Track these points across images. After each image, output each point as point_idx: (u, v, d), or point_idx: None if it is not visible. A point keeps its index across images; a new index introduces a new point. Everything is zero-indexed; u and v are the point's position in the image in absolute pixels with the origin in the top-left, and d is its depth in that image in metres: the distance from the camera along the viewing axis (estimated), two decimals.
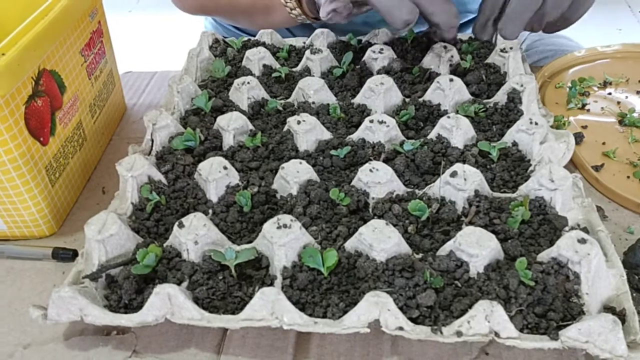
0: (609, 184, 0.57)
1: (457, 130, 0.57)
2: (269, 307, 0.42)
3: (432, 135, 0.59)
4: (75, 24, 0.60)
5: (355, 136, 0.60)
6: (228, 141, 0.60)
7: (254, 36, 0.81)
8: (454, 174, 0.52)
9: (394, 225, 0.47)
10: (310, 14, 0.73)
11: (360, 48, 0.77)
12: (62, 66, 0.57)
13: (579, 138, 0.63)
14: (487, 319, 0.40)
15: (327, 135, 0.61)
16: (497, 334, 0.40)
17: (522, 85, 0.63)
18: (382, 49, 0.72)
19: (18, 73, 0.49)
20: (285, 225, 0.47)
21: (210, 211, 0.53)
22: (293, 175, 0.53)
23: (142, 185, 0.55)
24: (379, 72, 0.71)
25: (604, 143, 0.63)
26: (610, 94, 0.71)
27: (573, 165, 0.61)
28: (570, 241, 0.44)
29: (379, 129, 0.58)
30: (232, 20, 0.99)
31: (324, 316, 0.43)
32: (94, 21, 0.65)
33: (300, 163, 0.54)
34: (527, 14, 0.59)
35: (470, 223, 0.49)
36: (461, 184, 0.51)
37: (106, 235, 0.47)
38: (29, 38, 0.50)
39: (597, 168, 0.60)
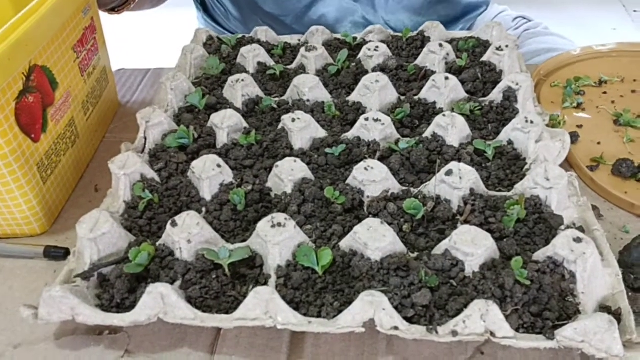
0: (603, 184, 0.57)
1: (452, 129, 0.57)
2: (263, 306, 0.41)
3: (428, 133, 0.59)
4: (68, 19, 0.60)
5: (350, 134, 0.60)
6: (222, 139, 0.60)
7: (249, 33, 0.80)
8: (449, 173, 0.51)
9: (389, 224, 0.47)
10: None
11: (356, 45, 0.77)
12: (53, 62, 0.57)
13: (573, 137, 0.63)
14: (483, 318, 0.39)
15: (322, 133, 0.60)
16: (492, 334, 0.40)
17: (517, 84, 0.62)
18: (377, 47, 0.72)
19: (8, 68, 0.49)
20: (279, 224, 0.46)
21: (204, 209, 0.53)
22: (287, 174, 0.53)
23: (134, 184, 0.54)
24: (374, 70, 0.70)
25: (599, 143, 0.63)
26: (605, 93, 0.71)
27: (568, 164, 0.61)
28: (565, 240, 0.44)
29: (374, 127, 0.58)
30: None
31: (319, 316, 0.43)
32: (86, 17, 0.64)
33: (295, 161, 0.54)
34: None
35: (466, 222, 0.49)
36: (456, 182, 0.51)
37: (98, 234, 0.47)
38: (20, 33, 0.50)
39: (592, 168, 0.59)
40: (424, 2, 0.94)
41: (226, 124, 0.60)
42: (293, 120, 0.59)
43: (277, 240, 0.45)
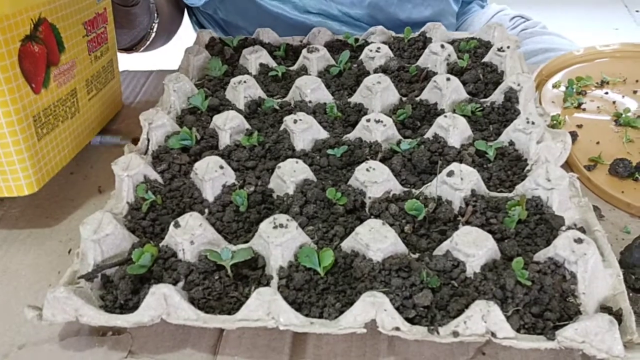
0: (600, 183, 0.57)
1: (453, 130, 0.57)
2: (265, 307, 0.42)
3: (429, 134, 0.59)
4: None
5: (352, 135, 0.60)
6: (224, 140, 0.60)
7: (251, 35, 0.81)
8: (450, 174, 0.51)
9: (391, 225, 0.47)
10: None
11: (357, 47, 0.77)
12: (62, 26, 0.58)
13: (572, 137, 0.63)
14: (484, 319, 0.40)
15: (323, 134, 0.61)
16: (493, 334, 0.40)
17: (519, 85, 0.62)
18: (379, 48, 0.72)
19: (18, 2, 0.49)
20: (281, 225, 0.46)
21: (206, 211, 0.53)
22: (289, 175, 0.53)
23: (137, 185, 0.55)
24: (375, 71, 0.70)
25: (598, 142, 0.63)
26: (607, 93, 0.71)
27: (565, 163, 0.61)
28: (566, 241, 0.44)
29: (376, 128, 0.58)
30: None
31: (321, 316, 0.43)
32: (100, 5, 0.66)
33: (297, 162, 0.54)
34: None
35: (467, 223, 0.49)
36: (458, 183, 0.51)
37: (102, 235, 0.47)
38: None
39: (589, 167, 0.60)
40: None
41: (228, 126, 0.60)
42: (295, 121, 0.59)
43: (279, 241, 0.45)
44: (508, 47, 0.69)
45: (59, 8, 0.57)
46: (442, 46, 0.70)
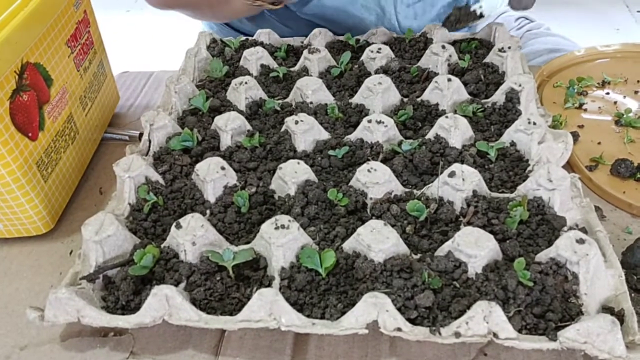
0: (602, 184, 0.57)
1: (455, 130, 0.57)
2: (267, 308, 0.42)
3: (430, 135, 0.59)
4: (59, 14, 0.59)
5: (353, 136, 0.60)
6: (226, 141, 0.60)
7: (252, 36, 0.81)
8: (452, 174, 0.51)
9: (392, 226, 0.47)
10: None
11: (358, 47, 0.77)
12: (47, 59, 0.56)
13: (574, 137, 0.63)
14: (486, 319, 0.39)
15: (325, 135, 0.61)
16: (495, 335, 0.40)
17: (520, 85, 0.62)
18: (380, 49, 0.72)
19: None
20: (283, 226, 0.46)
21: (208, 212, 0.53)
22: (291, 176, 0.53)
23: (139, 186, 0.55)
24: (377, 72, 0.70)
25: (599, 143, 0.63)
26: (608, 93, 0.71)
27: (567, 163, 0.60)
28: (568, 241, 0.44)
29: (377, 129, 0.58)
30: (195, 14, 0.96)
31: (322, 317, 0.43)
32: (79, 11, 0.63)
33: (298, 163, 0.54)
34: None
35: (469, 223, 0.49)
36: (459, 184, 0.51)
37: (103, 236, 0.47)
38: (8, 31, 0.49)
39: (590, 167, 0.60)
40: None
41: (230, 127, 0.60)
42: (296, 122, 0.59)
43: (281, 242, 0.45)
44: (509, 48, 0.69)
45: (40, 43, 0.55)
46: (443, 47, 0.70)
